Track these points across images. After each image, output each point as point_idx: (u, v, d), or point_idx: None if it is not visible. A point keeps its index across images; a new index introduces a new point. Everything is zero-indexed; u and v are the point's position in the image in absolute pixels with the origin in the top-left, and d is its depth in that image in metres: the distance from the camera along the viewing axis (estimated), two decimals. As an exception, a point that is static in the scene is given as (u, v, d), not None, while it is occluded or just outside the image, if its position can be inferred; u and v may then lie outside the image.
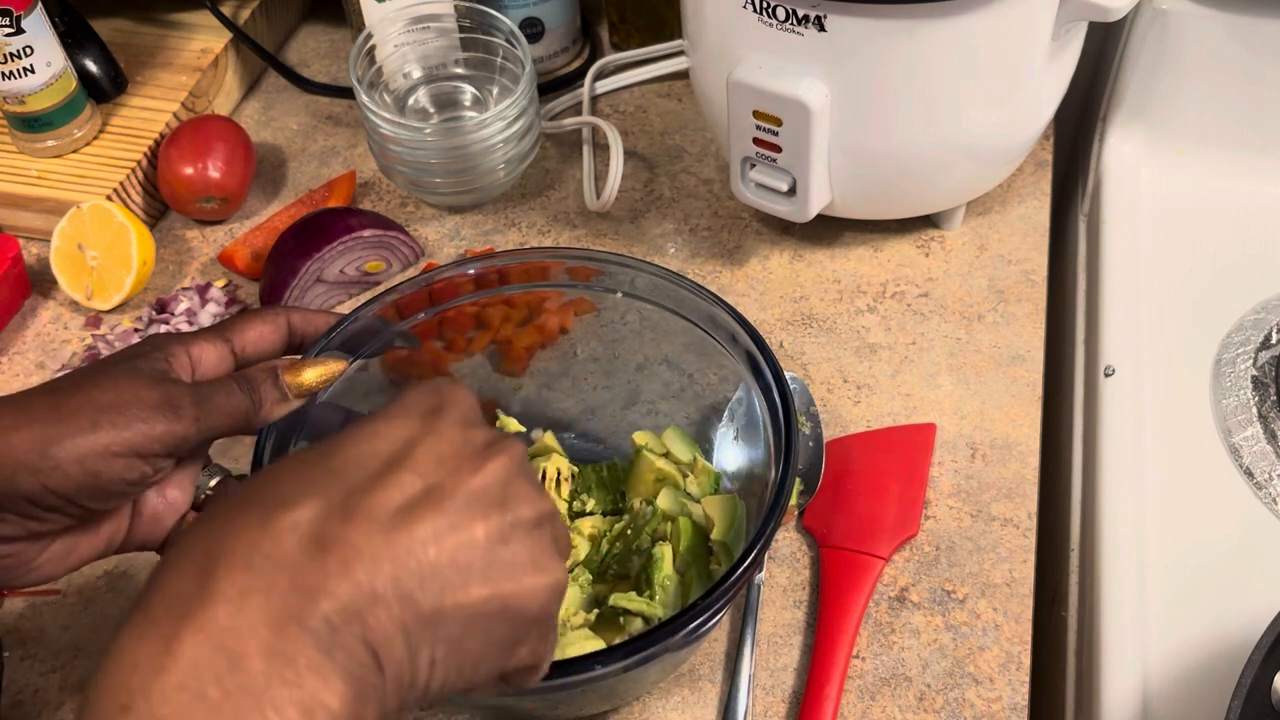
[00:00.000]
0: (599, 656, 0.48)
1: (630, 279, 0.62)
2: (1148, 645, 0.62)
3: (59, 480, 0.45)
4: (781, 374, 0.57)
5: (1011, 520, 0.67)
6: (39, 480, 0.45)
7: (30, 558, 0.48)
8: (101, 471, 0.46)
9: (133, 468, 0.47)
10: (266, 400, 0.51)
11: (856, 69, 0.66)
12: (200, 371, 0.51)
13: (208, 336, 0.52)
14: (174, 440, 0.47)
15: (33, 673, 0.63)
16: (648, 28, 0.94)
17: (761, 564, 0.53)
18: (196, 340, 0.51)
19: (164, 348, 0.50)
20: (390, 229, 0.78)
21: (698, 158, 0.88)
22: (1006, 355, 0.75)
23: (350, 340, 0.58)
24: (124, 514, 0.51)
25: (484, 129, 0.79)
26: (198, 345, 0.51)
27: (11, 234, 0.83)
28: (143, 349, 0.50)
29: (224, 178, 0.82)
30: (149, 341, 0.51)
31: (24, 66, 0.79)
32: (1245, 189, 0.82)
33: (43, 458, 0.45)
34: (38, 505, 0.46)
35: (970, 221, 0.82)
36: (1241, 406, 0.71)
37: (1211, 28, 0.77)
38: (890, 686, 0.61)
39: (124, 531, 0.51)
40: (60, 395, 0.47)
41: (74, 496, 0.46)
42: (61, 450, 0.45)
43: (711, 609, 0.49)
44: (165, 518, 0.52)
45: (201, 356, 0.51)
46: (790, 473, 0.54)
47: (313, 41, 1.00)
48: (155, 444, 0.47)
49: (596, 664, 0.48)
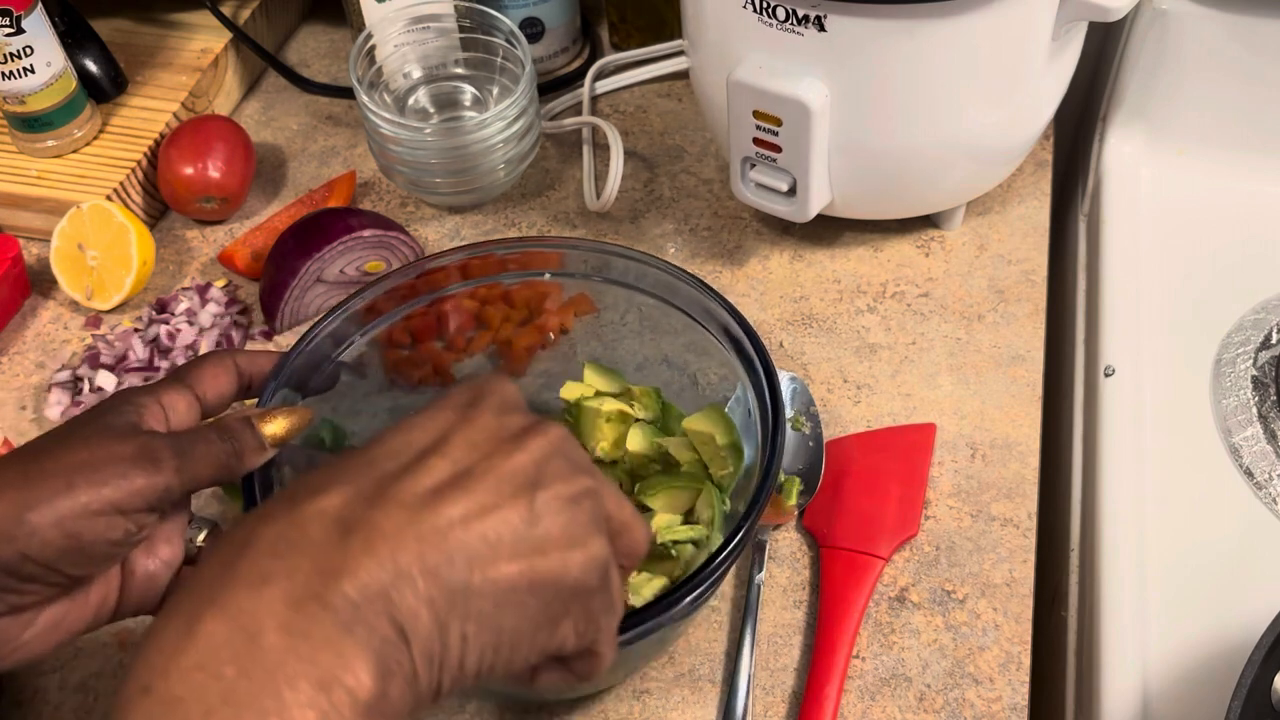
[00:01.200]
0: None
1: (623, 268, 0.63)
2: (1148, 645, 0.62)
3: (37, 547, 0.43)
4: (767, 354, 0.57)
5: (1011, 520, 0.67)
6: (15, 548, 0.43)
7: (14, 635, 0.45)
8: (82, 533, 0.44)
9: (114, 525, 0.45)
10: (246, 449, 0.49)
11: (856, 69, 0.66)
12: (174, 421, 0.49)
13: (174, 386, 0.50)
14: (155, 493, 0.45)
15: (33, 673, 0.63)
16: (648, 28, 0.94)
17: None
18: (165, 390, 0.50)
19: (134, 400, 0.49)
20: (390, 229, 0.78)
21: (698, 158, 0.88)
22: (1006, 355, 0.75)
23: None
24: (113, 579, 0.48)
25: (484, 129, 0.79)
26: (168, 394, 0.50)
27: (11, 234, 0.83)
28: (112, 404, 0.48)
29: (224, 178, 0.82)
30: (117, 396, 0.49)
31: (24, 66, 0.79)
32: (1245, 189, 0.82)
33: (18, 525, 0.43)
34: (15, 576, 0.44)
35: (970, 221, 0.82)
36: (1241, 406, 0.71)
37: (1211, 28, 0.77)
38: (890, 686, 0.61)
39: (115, 597, 0.48)
40: (31, 461, 0.45)
41: (54, 563, 0.44)
42: (38, 515, 0.43)
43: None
44: (159, 577, 0.49)
45: (174, 405, 0.49)
46: (780, 433, 0.54)
47: (313, 41, 1.00)
48: (136, 498, 0.45)
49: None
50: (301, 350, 0.58)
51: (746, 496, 0.62)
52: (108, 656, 0.64)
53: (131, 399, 0.49)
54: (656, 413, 0.65)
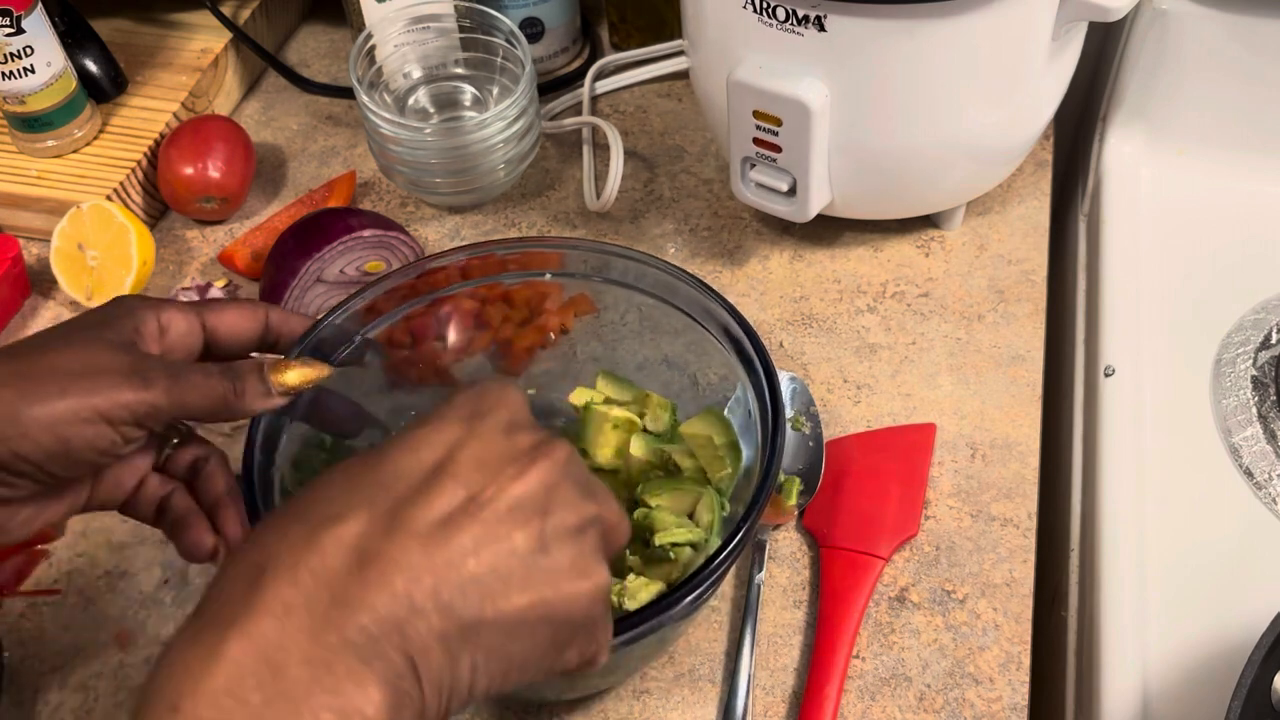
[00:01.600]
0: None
1: (623, 268, 0.63)
2: (1148, 645, 0.62)
3: (29, 447, 0.45)
4: (766, 354, 0.57)
5: (1011, 520, 0.67)
6: (8, 446, 0.45)
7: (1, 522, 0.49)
8: (71, 438, 0.46)
9: (102, 435, 0.47)
10: (249, 391, 0.50)
11: (856, 69, 0.66)
12: (168, 339, 0.51)
13: (180, 306, 0.52)
14: (144, 408, 0.47)
15: (33, 673, 0.63)
16: (648, 28, 0.94)
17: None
18: (167, 307, 0.51)
19: (134, 313, 0.50)
20: (390, 229, 0.78)
21: (698, 158, 0.88)
22: (1006, 355, 0.75)
23: (324, 345, 0.58)
24: (86, 478, 0.51)
25: (484, 129, 0.79)
26: (167, 312, 0.51)
27: (11, 234, 0.83)
28: (112, 314, 0.50)
29: (224, 178, 0.82)
30: (120, 304, 0.50)
31: (24, 66, 0.79)
32: (1245, 189, 0.82)
33: (12, 424, 0.45)
34: (8, 471, 0.46)
35: (970, 221, 0.82)
36: (1241, 406, 0.71)
37: (1211, 28, 0.77)
38: (890, 686, 0.61)
39: (85, 494, 0.51)
40: (25, 361, 0.47)
41: (43, 463, 0.46)
42: (30, 416, 0.45)
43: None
44: (126, 480, 0.52)
45: (170, 324, 0.51)
46: (780, 433, 0.54)
47: (313, 41, 1.00)
48: (124, 411, 0.47)
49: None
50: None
51: (746, 497, 0.62)
52: (108, 657, 0.64)
53: (132, 309, 0.50)
54: (667, 427, 0.65)
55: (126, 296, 0.52)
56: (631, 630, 0.48)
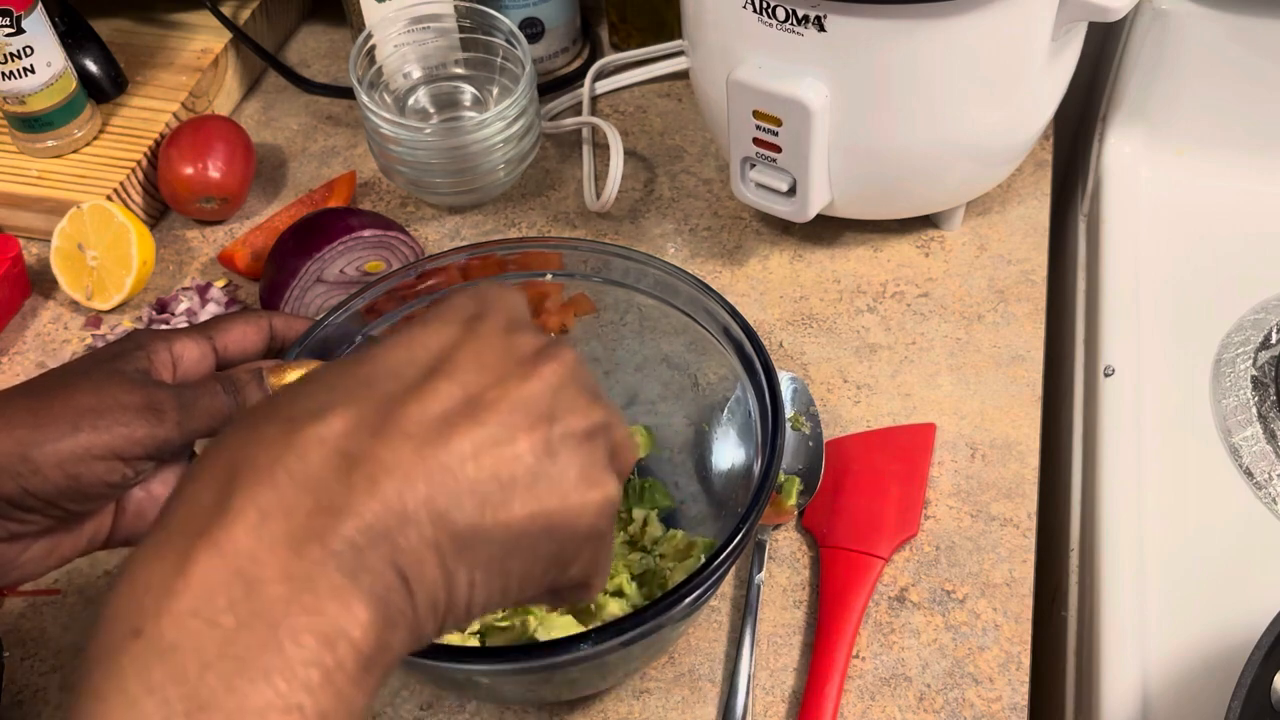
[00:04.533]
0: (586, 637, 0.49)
1: (623, 268, 0.63)
2: (1148, 645, 0.62)
3: (39, 484, 0.45)
4: (766, 354, 0.58)
5: (1011, 520, 0.67)
6: (19, 484, 0.45)
7: (11, 558, 0.48)
8: (82, 474, 0.46)
9: (113, 470, 0.47)
10: (250, 402, 0.50)
11: (856, 69, 0.66)
12: (181, 369, 0.51)
13: (190, 334, 0.52)
14: (155, 443, 0.47)
15: (33, 673, 0.63)
16: (648, 28, 0.94)
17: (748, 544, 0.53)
18: (179, 338, 0.51)
19: (146, 345, 0.50)
20: (390, 229, 0.78)
21: (698, 158, 0.88)
22: (1006, 355, 0.75)
23: (325, 344, 0.58)
24: (107, 511, 0.51)
25: (484, 129, 0.79)
26: (180, 342, 0.51)
27: (11, 234, 0.83)
28: (125, 347, 0.50)
29: (224, 178, 0.82)
30: (131, 339, 0.51)
31: (24, 66, 0.79)
32: (1245, 189, 0.82)
33: (22, 461, 0.45)
34: (17, 508, 0.46)
35: (970, 221, 0.82)
36: (1241, 406, 0.71)
37: (1211, 28, 0.77)
38: (890, 686, 0.61)
39: (107, 528, 0.51)
40: (39, 398, 0.47)
41: (54, 499, 0.46)
42: (41, 454, 0.45)
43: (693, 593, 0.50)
44: (149, 512, 0.51)
45: (183, 354, 0.51)
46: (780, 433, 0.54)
47: (313, 41, 1.00)
48: (136, 447, 0.47)
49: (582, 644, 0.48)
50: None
51: (746, 497, 0.62)
52: (108, 656, 0.64)
53: (145, 343, 0.50)
54: (648, 452, 0.66)
55: (141, 330, 0.52)
56: (631, 630, 0.48)
